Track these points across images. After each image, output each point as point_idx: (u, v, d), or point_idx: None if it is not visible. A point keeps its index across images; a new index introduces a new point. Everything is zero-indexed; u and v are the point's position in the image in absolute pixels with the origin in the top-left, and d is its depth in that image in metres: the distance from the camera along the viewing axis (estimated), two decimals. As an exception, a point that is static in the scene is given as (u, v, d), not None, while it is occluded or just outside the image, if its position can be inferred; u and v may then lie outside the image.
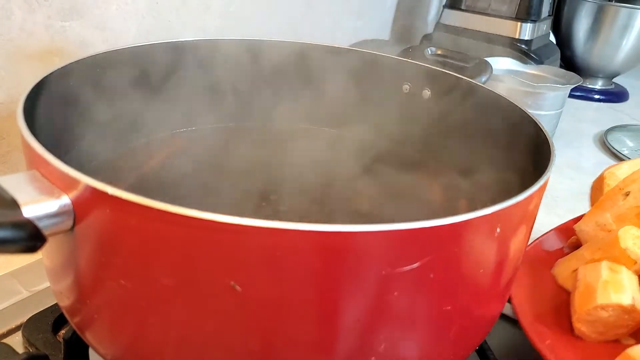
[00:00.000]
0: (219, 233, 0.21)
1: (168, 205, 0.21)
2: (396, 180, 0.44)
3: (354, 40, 0.94)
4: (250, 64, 0.51)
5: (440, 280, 0.25)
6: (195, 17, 0.61)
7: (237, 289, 0.22)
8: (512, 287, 0.33)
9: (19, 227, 0.22)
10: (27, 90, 0.31)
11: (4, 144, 0.46)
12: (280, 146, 0.50)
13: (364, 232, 0.22)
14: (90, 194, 0.22)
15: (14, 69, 0.45)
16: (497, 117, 0.42)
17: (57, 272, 0.29)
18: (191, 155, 0.47)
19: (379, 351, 0.25)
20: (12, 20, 0.44)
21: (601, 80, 1.12)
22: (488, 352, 0.38)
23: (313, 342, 0.25)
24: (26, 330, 0.38)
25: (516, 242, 0.29)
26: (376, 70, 0.50)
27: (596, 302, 0.34)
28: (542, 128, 0.36)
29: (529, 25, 0.92)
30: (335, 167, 0.46)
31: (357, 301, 0.24)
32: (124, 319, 0.26)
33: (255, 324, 0.24)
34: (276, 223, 0.21)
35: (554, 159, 0.31)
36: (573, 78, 0.79)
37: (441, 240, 0.24)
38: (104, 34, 0.51)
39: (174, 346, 0.25)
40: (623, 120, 0.98)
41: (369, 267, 0.23)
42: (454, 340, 0.29)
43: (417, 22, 1.13)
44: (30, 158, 0.26)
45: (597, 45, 1.06)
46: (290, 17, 0.77)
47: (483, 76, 0.63)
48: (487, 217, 0.24)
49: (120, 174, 0.42)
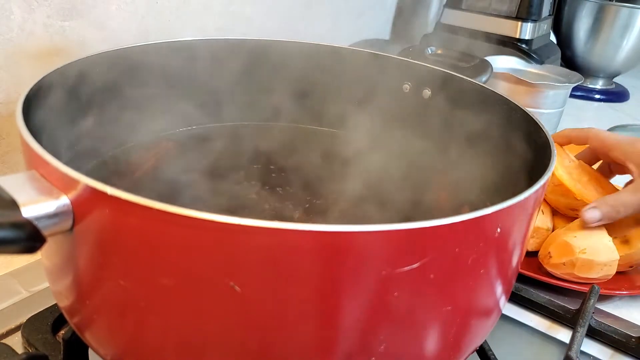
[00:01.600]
0: (219, 233, 0.21)
1: (167, 206, 0.21)
2: (396, 180, 0.44)
3: (354, 40, 0.94)
4: (250, 63, 0.51)
5: (440, 281, 0.25)
6: (195, 17, 0.61)
7: (237, 289, 0.22)
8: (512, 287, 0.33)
9: (18, 228, 0.22)
10: (26, 90, 0.30)
11: (3, 144, 0.46)
12: (278, 145, 0.50)
13: (364, 232, 0.21)
14: (90, 194, 0.22)
15: (13, 69, 0.45)
16: (498, 117, 0.42)
17: (56, 273, 0.29)
18: (191, 154, 0.47)
19: (379, 351, 0.25)
20: (12, 20, 0.44)
21: (602, 80, 1.12)
22: (489, 352, 0.38)
23: (313, 342, 0.25)
24: (25, 331, 0.38)
25: (516, 242, 0.29)
26: (376, 70, 0.50)
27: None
28: (543, 127, 0.36)
29: (529, 25, 0.92)
30: (334, 167, 0.46)
31: (357, 301, 0.24)
32: (123, 319, 0.26)
33: (255, 324, 0.24)
34: (276, 223, 0.21)
35: (555, 159, 0.31)
36: (574, 77, 0.79)
37: (441, 240, 0.24)
38: (104, 34, 0.51)
39: (173, 346, 0.25)
40: (624, 120, 0.98)
41: (369, 267, 0.23)
42: (454, 341, 0.29)
43: (417, 21, 1.13)
44: (29, 158, 0.26)
45: (598, 44, 1.06)
46: (290, 17, 0.77)
47: (483, 75, 0.63)
48: (487, 217, 0.24)
49: (120, 174, 0.42)
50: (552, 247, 0.48)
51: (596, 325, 0.43)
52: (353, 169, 0.44)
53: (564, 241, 0.47)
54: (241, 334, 0.24)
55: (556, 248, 0.47)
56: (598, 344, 0.43)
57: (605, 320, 0.44)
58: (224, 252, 0.22)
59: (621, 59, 1.07)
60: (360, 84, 0.51)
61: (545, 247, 0.49)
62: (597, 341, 0.43)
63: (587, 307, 0.43)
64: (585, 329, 0.41)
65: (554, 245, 0.48)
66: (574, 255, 0.46)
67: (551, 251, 0.48)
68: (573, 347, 0.39)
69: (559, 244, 0.47)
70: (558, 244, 0.47)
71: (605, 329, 0.43)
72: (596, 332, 0.43)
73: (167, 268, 0.23)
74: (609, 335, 0.43)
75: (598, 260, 0.45)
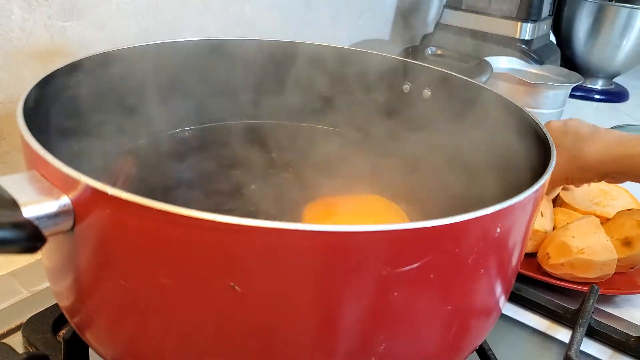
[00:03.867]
0: (219, 233, 0.21)
1: (168, 206, 0.21)
2: (395, 180, 0.44)
3: (354, 40, 0.94)
4: (250, 63, 0.51)
5: (440, 281, 0.25)
6: (195, 17, 0.61)
7: (237, 289, 0.22)
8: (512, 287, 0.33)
9: (19, 228, 0.22)
10: (27, 90, 0.30)
11: (3, 144, 0.46)
12: (279, 143, 0.50)
13: (364, 232, 0.22)
14: (90, 194, 0.22)
15: (14, 69, 0.45)
16: (498, 117, 0.42)
17: (57, 273, 0.29)
18: (191, 154, 0.47)
19: (379, 351, 0.25)
20: (12, 20, 0.44)
21: (601, 80, 1.12)
22: (488, 352, 0.38)
23: (313, 342, 0.25)
24: (26, 330, 0.38)
25: (516, 242, 0.29)
26: (376, 70, 0.50)
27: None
28: (542, 128, 0.36)
29: (529, 25, 0.92)
30: (335, 166, 0.46)
31: (357, 301, 0.24)
32: (123, 319, 0.26)
33: (255, 324, 0.24)
34: (276, 223, 0.21)
35: (554, 159, 0.31)
36: (574, 77, 0.79)
37: (441, 240, 0.24)
38: (104, 34, 0.51)
39: (173, 346, 0.25)
40: (623, 121, 0.98)
41: (369, 267, 0.23)
42: (454, 341, 0.29)
43: (417, 22, 1.13)
44: (29, 158, 0.26)
45: (598, 45, 1.06)
46: (290, 17, 0.77)
47: (483, 76, 0.63)
48: (487, 217, 0.24)
49: (120, 174, 0.42)
50: (550, 247, 0.48)
51: (596, 325, 0.43)
52: (353, 169, 0.44)
53: (562, 242, 0.47)
54: (241, 334, 0.24)
55: (554, 249, 0.48)
56: (598, 343, 0.43)
57: (605, 320, 0.44)
58: (224, 252, 0.22)
59: (621, 59, 1.07)
60: (360, 84, 0.51)
61: (544, 248, 0.49)
62: (597, 341, 0.44)
63: (587, 307, 0.43)
64: (584, 329, 0.41)
65: (552, 246, 0.48)
66: (572, 256, 0.46)
67: (549, 252, 0.48)
68: (573, 346, 0.39)
69: (557, 245, 0.47)
70: (556, 245, 0.47)
71: (604, 328, 0.43)
72: (596, 331, 0.43)
73: (167, 268, 0.23)
74: (608, 335, 0.43)
75: (597, 260, 0.46)
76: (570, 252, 0.46)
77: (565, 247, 0.47)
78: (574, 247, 0.46)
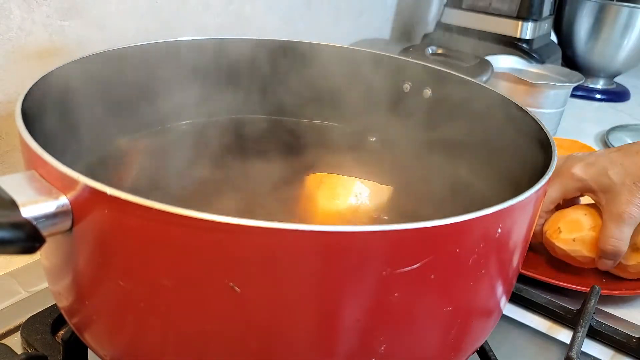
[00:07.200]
0: (218, 233, 0.21)
1: (167, 206, 0.21)
2: (395, 179, 0.44)
3: (354, 39, 0.94)
4: (250, 62, 0.51)
5: (440, 281, 0.25)
6: (195, 17, 0.61)
7: (236, 289, 0.22)
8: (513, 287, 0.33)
9: (17, 228, 0.22)
10: (25, 90, 0.30)
11: (2, 144, 0.46)
12: (278, 140, 0.50)
13: (364, 232, 0.21)
14: (89, 194, 0.22)
15: (13, 68, 0.45)
16: (498, 116, 0.41)
17: (55, 273, 0.29)
18: (191, 153, 0.47)
19: (379, 352, 0.25)
20: (11, 20, 0.44)
21: (602, 80, 1.12)
22: (490, 353, 0.38)
23: (313, 342, 0.24)
24: (25, 331, 0.37)
25: (517, 242, 0.29)
26: (377, 69, 0.50)
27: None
28: (544, 127, 0.36)
29: (530, 25, 0.91)
30: (335, 165, 0.45)
31: (357, 302, 0.23)
32: (122, 320, 0.26)
33: (255, 324, 0.24)
34: (276, 223, 0.21)
35: (555, 159, 0.31)
36: (575, 77, 0.79)
37: (441, 240, 0.23)
38: (103, 34, 0.51)
39: (172, 347, 0.25)
40: (624, 120, 0.98)
41: (369, 267, 0.22)
42: (455, 342, 0.29)
43: (417, 21, 1.13)
44: (28, 158, 0.26)
45: (599, 44, 1.06)
46: (290, 17, 0.77)
47: (484, 75, 0.63)
48: (488, 217, 0.24)
49: (120, 174, 0.42)
50: (562, 222, 0.48)
51: (597, 325, 0.43)
52: (353, 168, 0.44)
53: (574, 217, 0.47)
54: (241, 335, 0.24)
55: (566, 224, 0.48)
56: (599, 344, 0.43)
57: (606, 321, 0.44)
58: (224, 252, 0.22)
59: (622, 58, 1.06)
60: (360, 83, 0.51)
61: (554, 223, 0.49)
62: (598, 342, 0.43)
63: (588, 308, 0.42)
64: (586, 330, 0.41)
65: (564, 221, 0.48)
66: (584, 231, 0.46)
67: (561, 226, 0.48)
68: (574, 347, 0.39)
69: (569, 220, 0.48)
70: (568, 220, 0.48)
71: (606, 329, 0.43)
72: (597, 332, 0.43)
73: (166, 268, 0.23)
74: (609, 335, 0.43)
75: None
76: (582, 227, 0.46)
77: (578, 223, 0.47)
78: (587, 223, 0.47)
